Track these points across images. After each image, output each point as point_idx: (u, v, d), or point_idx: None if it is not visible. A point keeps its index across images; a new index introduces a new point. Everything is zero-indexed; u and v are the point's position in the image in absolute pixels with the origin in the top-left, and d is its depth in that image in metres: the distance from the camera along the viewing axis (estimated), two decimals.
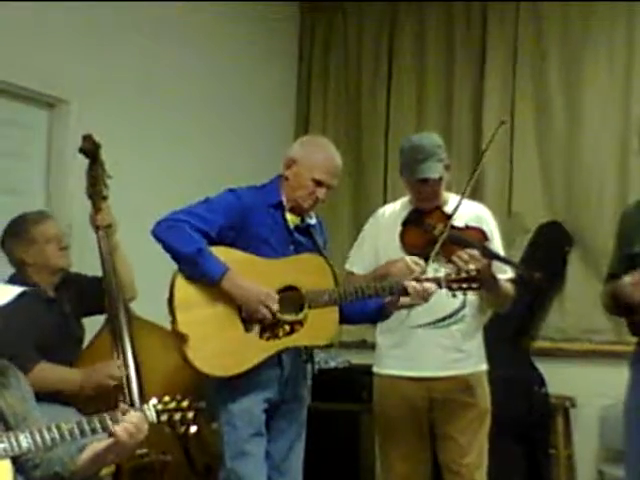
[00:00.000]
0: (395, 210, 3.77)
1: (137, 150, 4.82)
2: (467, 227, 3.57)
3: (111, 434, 2.47)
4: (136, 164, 4.71)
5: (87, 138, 3.75)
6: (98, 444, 2.50)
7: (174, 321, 3.21)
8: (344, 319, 3.47)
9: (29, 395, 2.63)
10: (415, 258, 3.40)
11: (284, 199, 3.39)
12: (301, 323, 3.29)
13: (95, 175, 3.76)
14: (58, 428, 2.43)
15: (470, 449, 3.62)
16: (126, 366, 3.53)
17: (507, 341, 5.27)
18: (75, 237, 4.20)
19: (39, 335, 3.53)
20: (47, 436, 2.41)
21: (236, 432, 3.26)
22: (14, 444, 2.39)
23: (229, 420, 3.27)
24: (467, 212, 3.63)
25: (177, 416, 2.54)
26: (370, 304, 3.40)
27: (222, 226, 3.27)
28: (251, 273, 3.24)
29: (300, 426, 3.49)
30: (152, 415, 2.51)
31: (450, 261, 3.45)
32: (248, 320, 3.24)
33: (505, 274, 3.62)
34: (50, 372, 3.49)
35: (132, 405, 2.61)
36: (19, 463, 2.49)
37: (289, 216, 3.40)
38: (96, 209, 3.72)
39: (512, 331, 5.32)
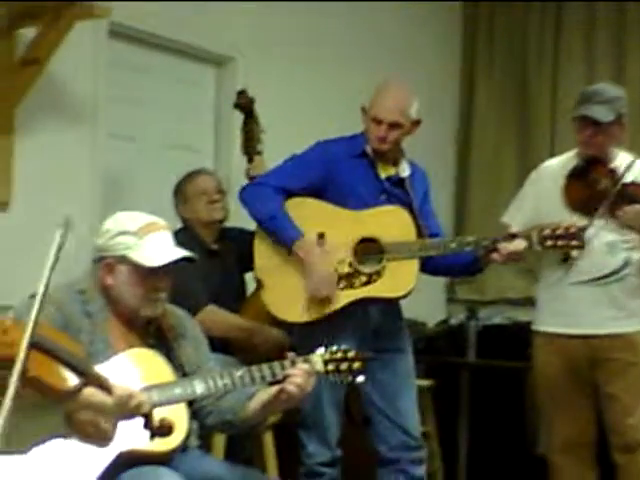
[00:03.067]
0: (560, 163, 3.68)
1: (306, 107, 4.83)
2: (633, 183, 3.46)
3: (276, 382, 2.51)
4: (304, 120, 4.72)
5: (241, 94, 3.82)
6: (265, 392, 2.55)
7: (254, 268, 3.39)
8: (434, 270, 3.49)
9: (204, 344, 2.73)
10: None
11: (369, 149, 3.39)
12: (379, 274, 3.29)
13: (249, 130, 3.83)
14: (230, 375, 2.50)
15: (635, 410, 3.53)
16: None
17: None
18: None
19: (204, 285, 3.61)
20: (220, 382, 2.49)
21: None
22: (189, 389, 2.47)
23: None
24: (635, 168, 3.51)
25: (344, 366, 2.57)
26: (462, 257, 3.38)
27: (309, 180, 3.36)
28: (332, 224, 3.31)
29: (404, 377, 3.47)
30: (320, 365, 2.55)
31: (614, 216, 3.39)
32: None
33: None
34: (220, 316, 3.59)
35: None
36: (193, 410, 2.58)
37: (381, 166, 3.41)
38: (250, 163, 3.79)
39: None
